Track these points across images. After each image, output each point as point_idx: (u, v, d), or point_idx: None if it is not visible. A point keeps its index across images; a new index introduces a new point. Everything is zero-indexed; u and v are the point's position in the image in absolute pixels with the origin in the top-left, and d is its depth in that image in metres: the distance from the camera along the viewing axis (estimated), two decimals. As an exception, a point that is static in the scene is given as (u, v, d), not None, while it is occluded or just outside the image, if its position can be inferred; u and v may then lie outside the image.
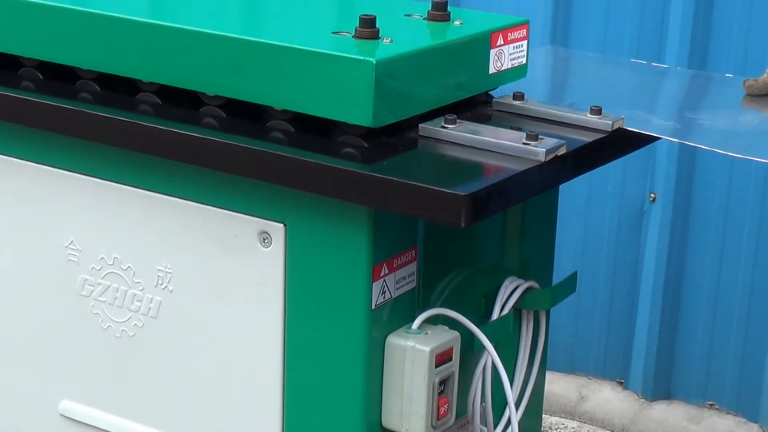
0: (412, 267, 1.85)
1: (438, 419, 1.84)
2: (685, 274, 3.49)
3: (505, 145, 1.78)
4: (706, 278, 3.47)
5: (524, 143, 1.77)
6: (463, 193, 1.62)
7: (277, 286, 1.85)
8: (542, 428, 2.98)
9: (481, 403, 1.97)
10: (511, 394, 1.96)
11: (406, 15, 1.99)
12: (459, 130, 1.82)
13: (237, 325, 1.90)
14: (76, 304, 2.06)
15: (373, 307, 1.79)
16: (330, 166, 1.72)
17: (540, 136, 1.77)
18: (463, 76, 1.90)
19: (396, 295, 1.83)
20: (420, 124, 1.84)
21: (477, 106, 1.98)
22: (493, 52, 1.93)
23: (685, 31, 3.32)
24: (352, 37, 1.82)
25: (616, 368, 3.65)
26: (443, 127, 1.83)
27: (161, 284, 1.96)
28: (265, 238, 1.85)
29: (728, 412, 3.51)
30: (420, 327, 1.83)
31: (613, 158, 1.97)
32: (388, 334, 1.82)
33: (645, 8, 3.40)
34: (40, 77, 2.05)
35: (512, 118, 1.96)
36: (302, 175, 1.74)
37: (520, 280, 2.02)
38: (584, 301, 3.60)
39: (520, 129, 1.86)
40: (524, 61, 2.00)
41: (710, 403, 3.54)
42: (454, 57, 1.88)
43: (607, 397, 3.64)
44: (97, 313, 2.04)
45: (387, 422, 1.85)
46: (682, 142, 1.97)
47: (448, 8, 1.96)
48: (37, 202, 2.06)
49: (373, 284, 1.78)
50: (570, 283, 2.13)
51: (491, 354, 1.90)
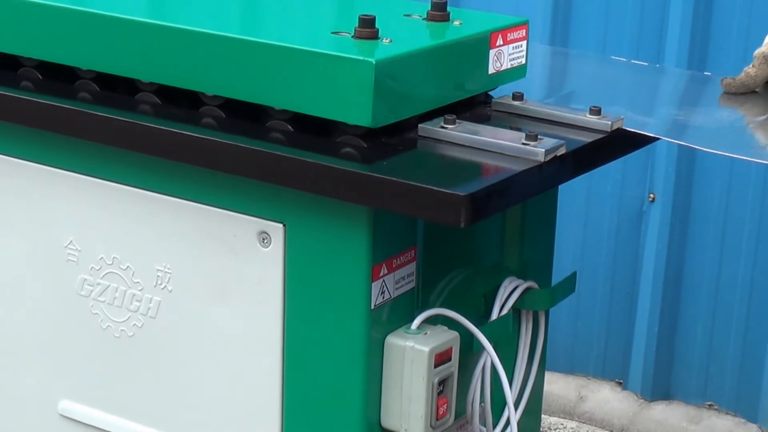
0: (412, 267, 1.85)
1: (437, 419, 1.84)
2: (685, 275, 3.49)
3: (504, 146, 1.78)
4: (705, 278, 3.46)
5: (524, 143, 1.77)
6: (462, 194, 1.62)
7: (277, 286, 1.85)
8: (541, 428, 2.99)
9: (480, 403, 1.97)
10: (510, 395, 1.96)
11: (405, 15, 1.99)
12: (458, 131, 1.82)
13: (236, 325, 1.90)
14: (76, 304, 2.06)
15: (373, 307, 1.79)
16: (329, 166, 1.72)
17: (539, 137, 1.77)
18: (463, 76, 1.90)
19: (395, 295, 1.83)
20: (419, 125, 1.84)
21: (476, 107, 1.98)
22: (492, 53, 1.93)
23: (685, 31, 3.32)
24: (352, 37, 1.82)
25: (615, 368, 3.65)
26: (442, 128, 1.83)
27: (160, 284, 1.96)
28: (264, 238, 1.84)
29: (727, 413, 3.51)
30: (419, 327, 1.83)
31: (613, 158, 1.97)
32: (388, 334, 1.82)
33: (645, 8, 3.40)
34: (40, 77, 2.05)
35: (512, 119, 1.95)
36: (301, 175, 1.74)
37: (520, 281, 2.02)
38: (584, 301, 3.60)
39: (519, 129, 1.86)
40: (524, 62, 2.00)
41: (709, 403, 3.53)
42: (454, 57, 1.88)
43: (607, 398, 3.64)
44: (97, 313, 2.04)
45: (386, 422, 1.85)
46: (681, 143, 1.97)
47: (448, 8, 1.96)
48: (37, 202, 2.06)
49: (373, 284, 1.78)
50: (569, 284, 2.13)
51: (490, 354, 1.90)
